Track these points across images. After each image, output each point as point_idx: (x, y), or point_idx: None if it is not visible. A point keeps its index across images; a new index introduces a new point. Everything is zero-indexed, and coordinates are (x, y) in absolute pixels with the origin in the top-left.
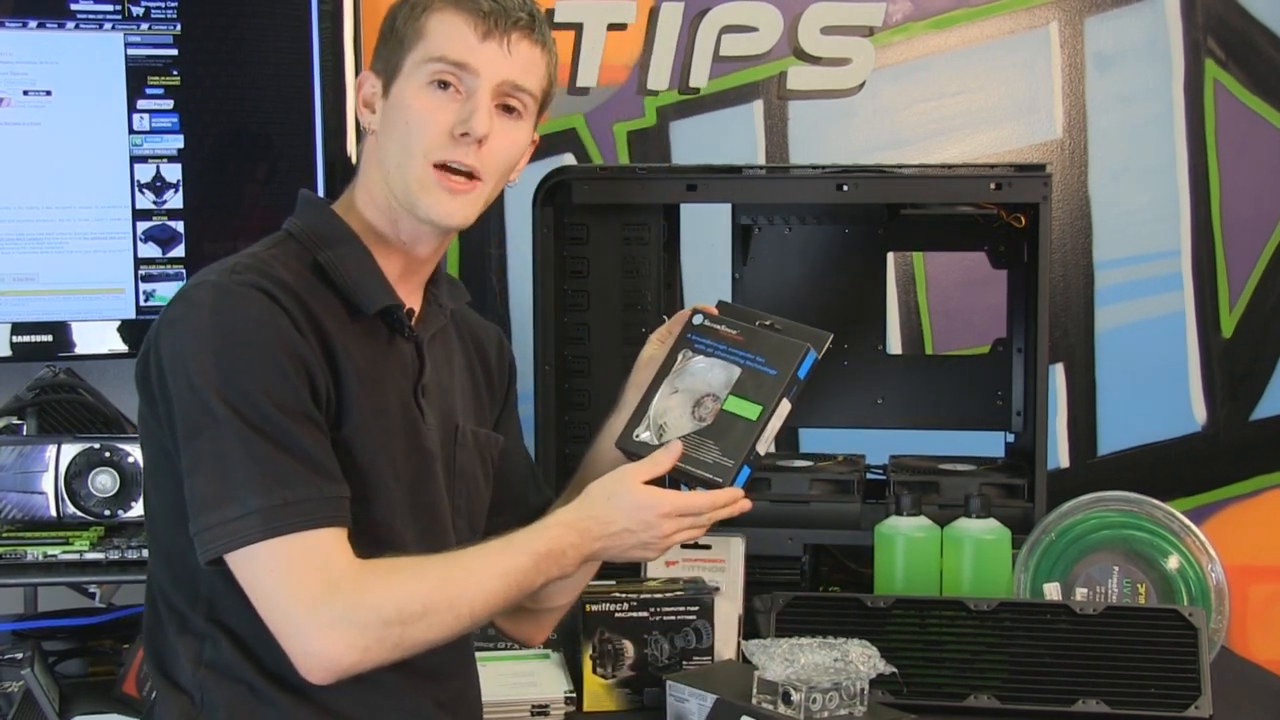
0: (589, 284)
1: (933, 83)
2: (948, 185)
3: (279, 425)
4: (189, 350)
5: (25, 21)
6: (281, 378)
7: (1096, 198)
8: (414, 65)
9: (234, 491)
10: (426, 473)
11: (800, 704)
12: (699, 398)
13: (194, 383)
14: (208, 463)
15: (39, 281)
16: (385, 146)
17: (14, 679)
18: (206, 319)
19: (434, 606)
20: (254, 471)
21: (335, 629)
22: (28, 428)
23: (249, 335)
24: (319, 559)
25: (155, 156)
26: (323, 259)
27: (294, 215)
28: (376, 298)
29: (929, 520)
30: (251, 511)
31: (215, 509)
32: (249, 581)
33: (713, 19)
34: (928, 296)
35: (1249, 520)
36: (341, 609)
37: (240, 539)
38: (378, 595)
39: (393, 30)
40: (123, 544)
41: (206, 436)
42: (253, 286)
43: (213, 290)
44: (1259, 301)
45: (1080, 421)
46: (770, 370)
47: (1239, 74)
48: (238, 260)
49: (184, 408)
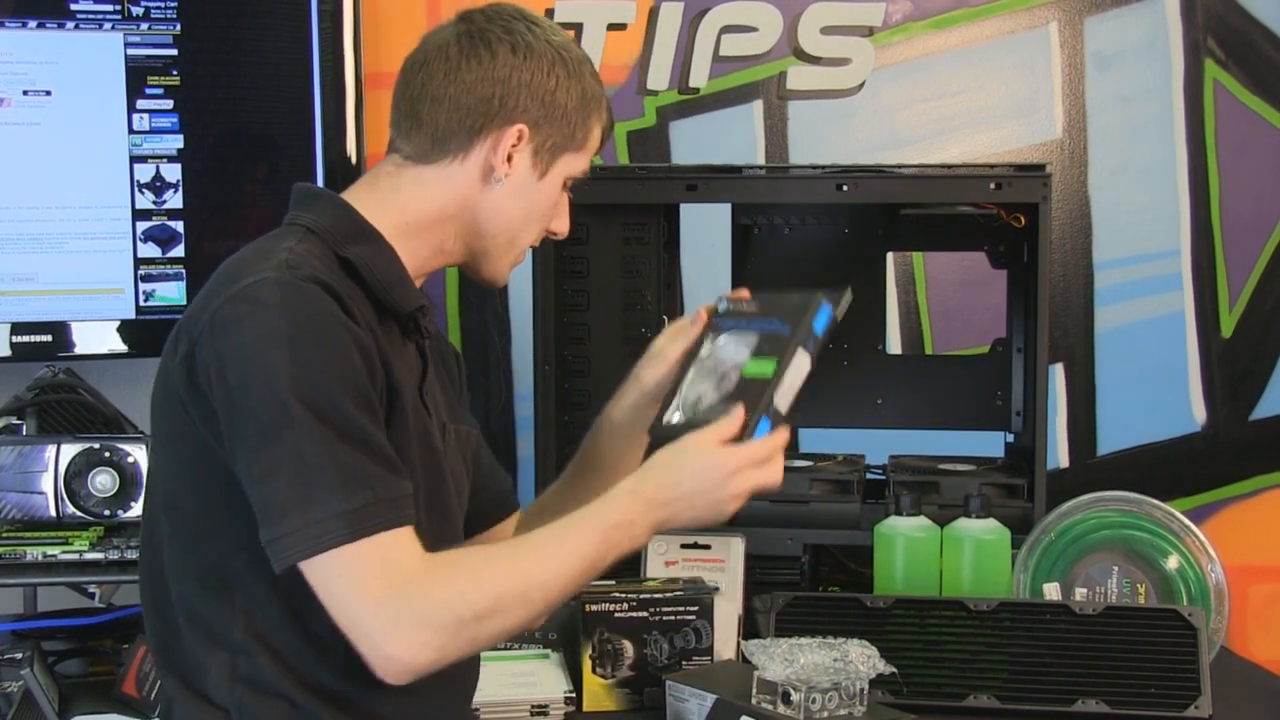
0: (589, 284)
1: (932, 83)
2: (947, 185)
3: (355, 423)
4: (260, 349)
5: (25, 21)
6: (354, 374)
7: (1096, 198)
8: (570, 165)
9: (316, 494)
10: (438, 472)
11: (800, 704)
12: (724, 372)
13: (269, 383)
14: (286, 465)
15: (39, 281)
16: (504, 210)
17: (13, 679)
18: (277, 317)
19: (506, 598)
20: (336, 473)
21: (409, 630)
22: (27, 428)
23: (321, 332)
24: (393, 559)
25: (155, 156)
26: (351, 256)
27: (302, 209)
28: (409, 298)
29: (929, 520)
30: (336, 515)
31: (297, 513)
32: (324, 585)
33: (712, 19)
34: (927, 296)
35: (1249, 520)
36: (414, 609)
37: (323, 543)
38: (450, 591)
39: (567, 113)
40: (122, 544)
41: (285, 439)
42: (314, 282)
43: (277, 287)
44: (1259, 301)
45: (1080, 421)
46: (784, 328)
47: (1239, 74)
48: (284, 257)
49: (255, 410)
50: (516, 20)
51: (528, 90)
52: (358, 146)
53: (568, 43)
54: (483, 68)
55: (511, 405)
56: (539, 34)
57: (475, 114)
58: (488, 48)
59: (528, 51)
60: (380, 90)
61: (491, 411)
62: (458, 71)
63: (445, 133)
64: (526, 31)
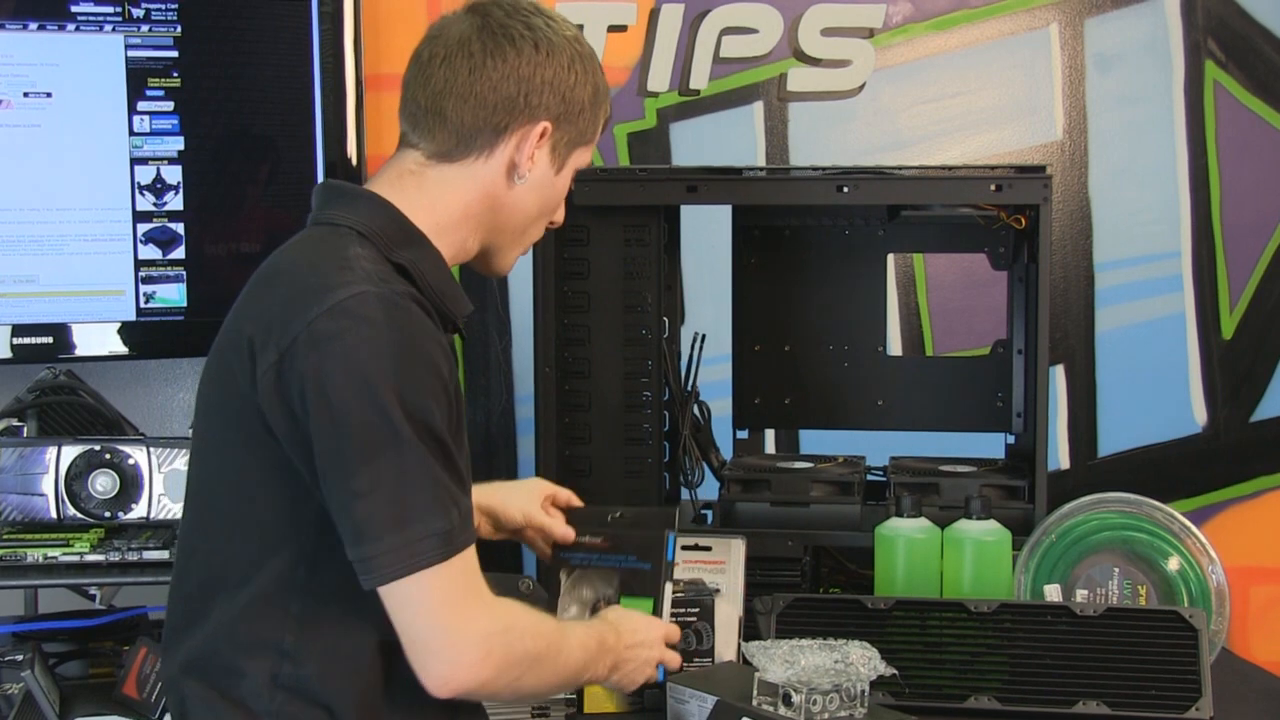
0: (589, 285)
1: (933, 84)
2: (948, 187)
3: (445, 443)
4: (367, 366)
5: (26, 23)
6: (444, 393)
7: (1097, 199)
8: (580, 158)
9: (414, 513)
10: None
11: (800, 706)
12: (593, 604)
13: (375, 400)
14: (387, 483)
15: (39, 283)
16: (522, 207)
17: (14, 681)
18: (383, 334)
19: (547, 656)
20: (432, 493)
21: (480, 646)
22: (28, 429)
23: (422, 350)
24: (475, 578)
25: (155, 158)
26: (404, 262)
27: (341, 209)
28: (461, 303)
29: (929, 522)
30: (434, 534)
31: (395, 531)
32: (410, 600)
33: (713, 20)
34: (928, 298)
35: (1249, 521)
36: (492, 627)
37: (422, 561)
38: (520, 624)
39: (584, 109)
40: (123, 546)
41: (389, 456)
42: (411, 299)
43: (379, 303)
44: (1259, 303)
45: (1080, 423)
46: (645, 565)
47: (1239, 75)
48: (364, 267)
49: (359, 426)
50: (535, 15)
51: (551, 88)
52: (358, 148)
53: (580, 36)
54: (508, 65)
55: (512, 407)
56: (557, 29)
57: (501, 112)
58: (512, 44)
59: (550, 48)
60: (381, 91)
61: (492, 413)
62: (483, 69)
63: (471, 131)
64: (546, 27)
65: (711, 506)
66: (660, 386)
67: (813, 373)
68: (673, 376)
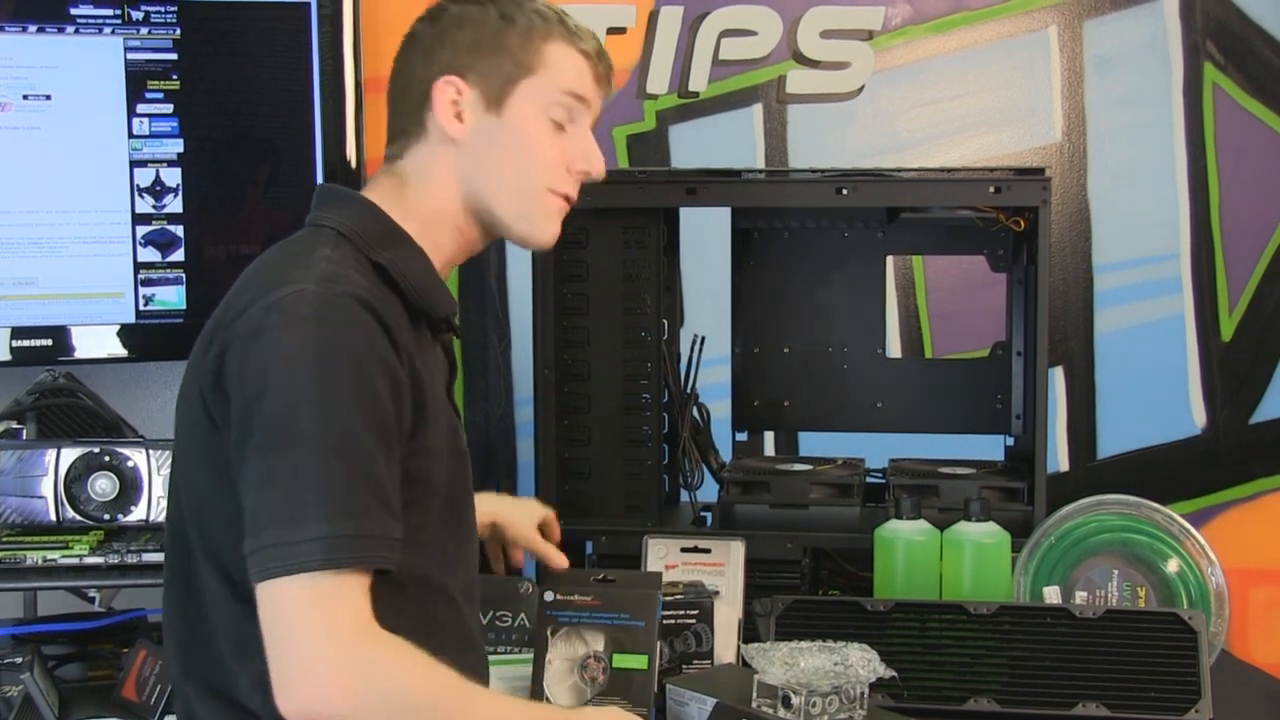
0: (588, 287)
1: (932, 86)
2: (947, 189)
3: (363, 453)
4: (287, 361)
5: (25, 26)
6: (376, 402)
7: (1096, 201)
8: (533, 90)
9: (303, 513)
10: (464, 473)
11: (800, 708)
12: (583, 660)
13: (287, 395)
14: (281, 479)
15: (39, 286)
16: (489, 164)
17: (13, 683)
18: (310, 332)
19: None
20: (327, 497)
21: (343, 676)
22: (27, 432)
23: (352, 353)
24: (359, 600)
25: (155, 161)
26: (384, 262)
27: (329, 210)
28: (444, 303)
29: (929, 524)
30: (316, 539)
31: (280, 528)
32: (280, 607)
33: (712, 23)
34: (927, 300)
35: (1249, 523)
36: (362, 660)
37: (296, 564)
38: (398, 666)
39: (497, 48)
40: (122, 548)
41: (287, 452)
42: (353, 298)
43: (315, 302)
44: (1258, 305)
45: (1080, 425)
46: (638, 622)
47: (1238, 77)
48: (323, 267)
49: (268, 418)
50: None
51: (441, 46)
52: (357, 151)
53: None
54: (407, 51)
55: (511, 409)
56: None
57: (409, 92)
58: (410, 35)
59: (439, 13)
60: (380, 94)
61: (491, 415)
62: (395, 68)
63: (400, 124)
64: (449, 2)
65: (711, 509)
66: (659, 389)
67: (812, 375)
68: (672, 379)
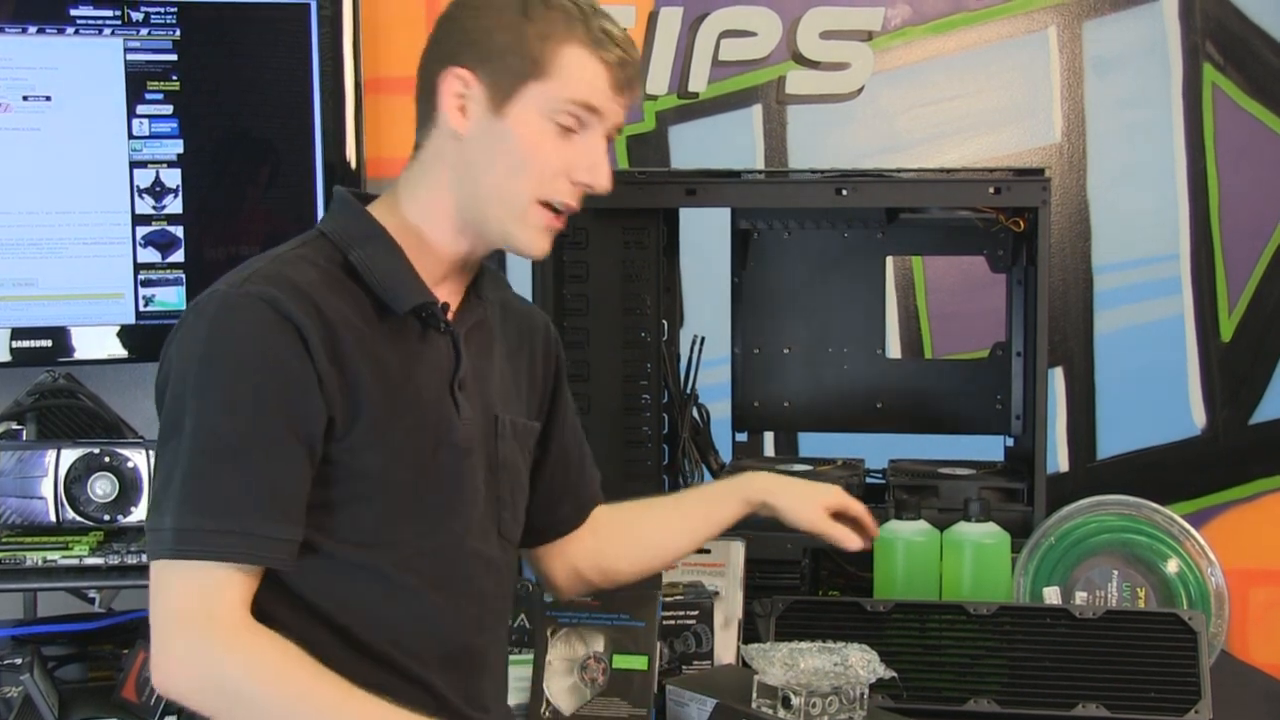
0: (588, 288)
1: (931, 87)
2: (947, 189)
3: (235, 450)
4: (181, 360)
5: (25, 27)
6: (258, 401)
7: (1095, 202)
8: (539, 96)
9: (165, 504)
10: (454, 468)
11: (800, 708)
12: (583, 661)
13: (176, 391)
14: (161, 470)
15: (39, 286)
16: (482, 166)
17: (13, 684)
18: (204, 331)
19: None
20: (185, 491)
21: (190, 655)
22: (27, 433)
23: (238, 353)
24: (212, 594)
25: (155, 161)
26: (354, 258)
27: (327, 214)
28: (407, 297)
29: (928, 524)
30: (167, 529)
31: (150, 515)
32: (151, 592)
33: (712, 24)
34: (927, 300)
35: (1249, 524)
36: (210, 644)
37: (154, 550)
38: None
39: (510, 45)
40: (122, 549)
41: (170, 445)
42: (259, 298)
43: (217, 302)
44: (1258, 305)
45: (1079, 425)
46: (638, 623)
47: (1237, 78)
48: (257, 267)
49: (165, 412)
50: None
51: (460, 35)
52: (357, 151)
53: None
54: (431, 43)
55: None
56: None
57: (423, 81)
58: (435, 26)
59: (461, 6)
60: (380, 95)
61: None
62: (422, 55)
63: (420, 113)
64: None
65: None
66: (659, 389)
67: (812, 375)
68: (672, 379)
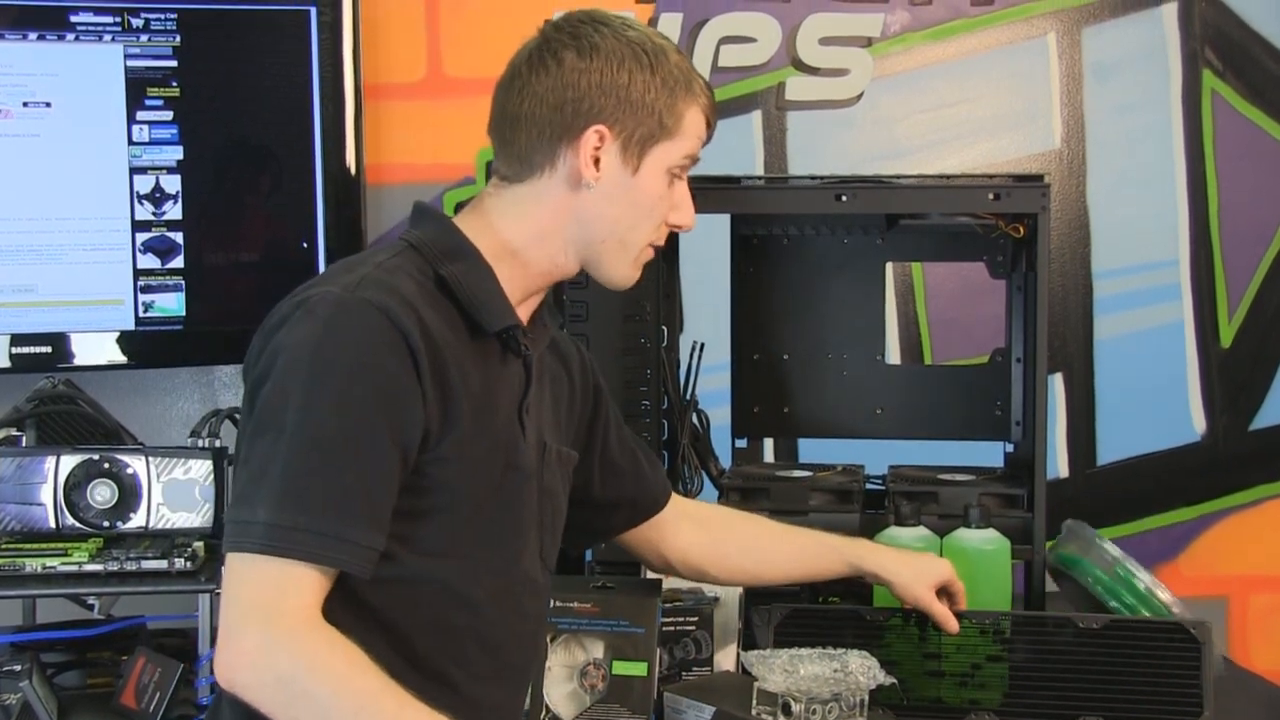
0: (588, 295)
1: (931, 93)
2: (946, 195)
3: (338, 453)
4: (289, 354)
5: (25, 33)
6: (365, 407)
7: (1095, 208)
8: (666, 154)
9: (257, 497)
10: (517, 490)
11: (800, 715)
12: (582, 667)
13: (282, 386)
14: (255, 461)
15: (38, 293)
16: (610, 217)
17: (12, 690)
18: (318, 331)
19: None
20: (283, 486)
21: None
22: (27, 439)
23: (351, 357)
24: (289, 589)
25: (155, 168)
26: (446, 273)
27: (411, 226)
28: (500, 317)
29: (928, 530)
30: (260, 522)
31: (238, 506)
32: (226, 578)
33: (711, 30)
34: (926, 307)
35: (1249, 530)
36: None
37: (239, 542)
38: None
39: (646, 104)
40: (121, 555)
41: (268, 438)
42: (374, 305)
43: (333, 303)
44: (1258, 311)
45: (1079, 431)
46: (638, 629)
47: (1237, 84)
48: (364, 272)
49: (264, 405)
50: (584, 24)
51: (599, 90)
52: (357, 158)
53: (643, 36)
54: (550, 77)
55: None
56: (606, 33)
57: (551, 125)
58: (554, 56)
59: (593, 52)
60: (379, 101)
61: None
62: (529, 86)
63: (528, 150)
64: (593, 33)
65: None
66: (659, 395)
67: (811, 381)
68: (671, 385)
